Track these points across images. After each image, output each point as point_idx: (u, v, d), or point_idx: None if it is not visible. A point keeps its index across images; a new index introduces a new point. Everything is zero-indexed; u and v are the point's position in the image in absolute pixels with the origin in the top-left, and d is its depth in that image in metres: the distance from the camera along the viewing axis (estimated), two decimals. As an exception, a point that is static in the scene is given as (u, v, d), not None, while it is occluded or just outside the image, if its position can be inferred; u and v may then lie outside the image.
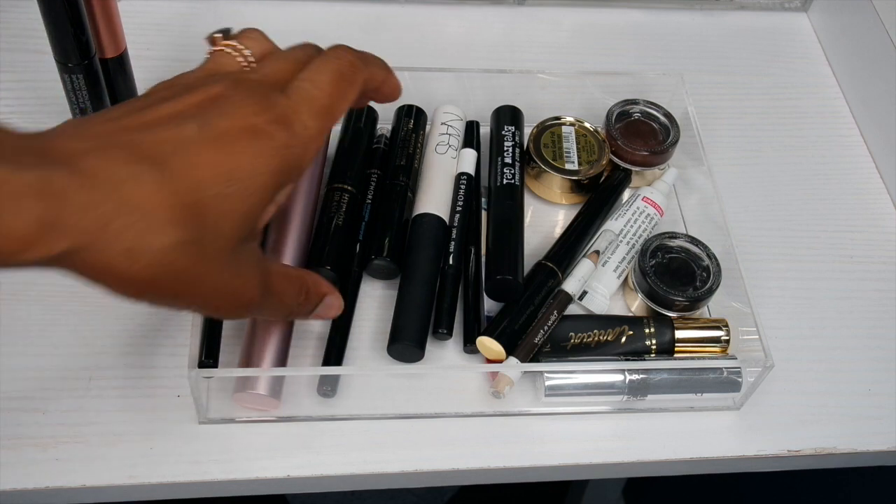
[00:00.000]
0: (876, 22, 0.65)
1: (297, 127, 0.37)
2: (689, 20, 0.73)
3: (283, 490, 0.47)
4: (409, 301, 0.49)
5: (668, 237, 0.53)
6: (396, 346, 0.48)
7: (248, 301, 0.38)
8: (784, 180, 0.63)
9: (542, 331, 0.49)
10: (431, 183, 0.54)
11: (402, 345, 0.47)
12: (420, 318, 0.48)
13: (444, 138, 0.56)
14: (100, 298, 0.49)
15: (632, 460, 0.48)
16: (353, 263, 0.51)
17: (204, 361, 0.45)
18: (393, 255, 0.51)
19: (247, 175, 0.35)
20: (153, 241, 0.33)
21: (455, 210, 0.53)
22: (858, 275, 0.58)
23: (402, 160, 0.55)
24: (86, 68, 0.50)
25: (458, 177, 0.55)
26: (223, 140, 0.35)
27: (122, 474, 0.44)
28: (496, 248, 0.51)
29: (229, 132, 0.35)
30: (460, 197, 0.54)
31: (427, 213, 0.52)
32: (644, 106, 0.59)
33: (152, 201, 0.33)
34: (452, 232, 0.52)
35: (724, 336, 0.50)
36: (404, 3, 0.69)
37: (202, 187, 0.34)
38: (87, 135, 0.33)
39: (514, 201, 0.54)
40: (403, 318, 0.48)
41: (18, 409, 0.46)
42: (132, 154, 0.33)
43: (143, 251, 0.32)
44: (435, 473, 0.47)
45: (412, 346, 0.47)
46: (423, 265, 0.50)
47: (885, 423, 0.51)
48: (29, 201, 0.30)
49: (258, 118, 0.36)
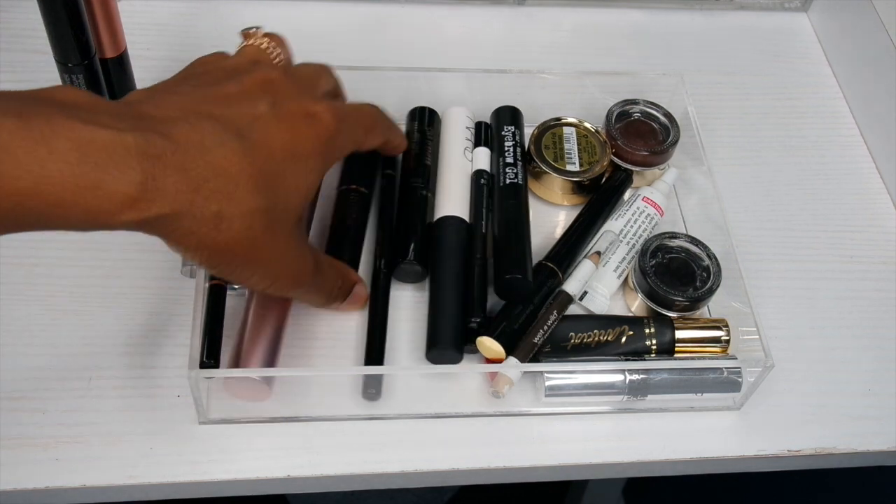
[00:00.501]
0: (876, 22, 0.65)
1: (346, 122, 0.42)
2: (689, 20, 0.73)
3: (283, 490, 0.47)
4: (442, 306, 0.49)
5: (669, 237, 0.53)
6: (435, 352, 0.48)
7: (303, 277, 0.42)
8: (784, 180, 0.63)
9: (542, 331, 0.49)
10: (450, 184, 0.54)
11: (440, 350, 0.48)
12: (454, 321, 0.49)
13: (460, 140, 0.57)
14: (100, 298, 0.50)
15: (632, 460, 0.48)
16: (380, 264, 0.51)
17: (205, 362, 0.45)
18: (418, 259, 0.51)
19: (307, 154, 0.39)
20: (239, 205, 0.35)
21: (480, 207, 0.53)
22: (858, 275, 0.58)
23: (421, 161, 0.55)
24: (86, 68, 0.50)
25: (477, 174, 0.55)
26: (290, 119, 0.39)
27: (122, 474, 0.44)
28: (505, 246, 0.51)
29: (295, 113, 0.39)
30: (481, 194, 0.54)
31: (449, 215, 0.53)
32: (644, 106, 0.59)
33: (237, 167, 0.35)
34: (480, 228, 0.52)
35: (724, 336, 0.50)
36: (404, 3, 0.69)
37: (275, 159, 0.37)
38: (172, 105, 0.36)
39: (518, 200, 0.54)
40: (440, 322, 0.49)
41: (18, 409, 0.46)
42: (217, 124, 0.36)
43: (230, 215, 0.35)
44: (435, 473, 0.47)
45: (451, 351, 0.48)
46: (452, 268, 0.50)
47: (885, 423, 0.51)
48: (133, 161, 0.32)
49: (317, 106, 0.40)
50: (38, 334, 0.48)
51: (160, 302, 0.50)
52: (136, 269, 0.51)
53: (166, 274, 0.51)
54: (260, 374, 0.45)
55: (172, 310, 0.50)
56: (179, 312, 0.50)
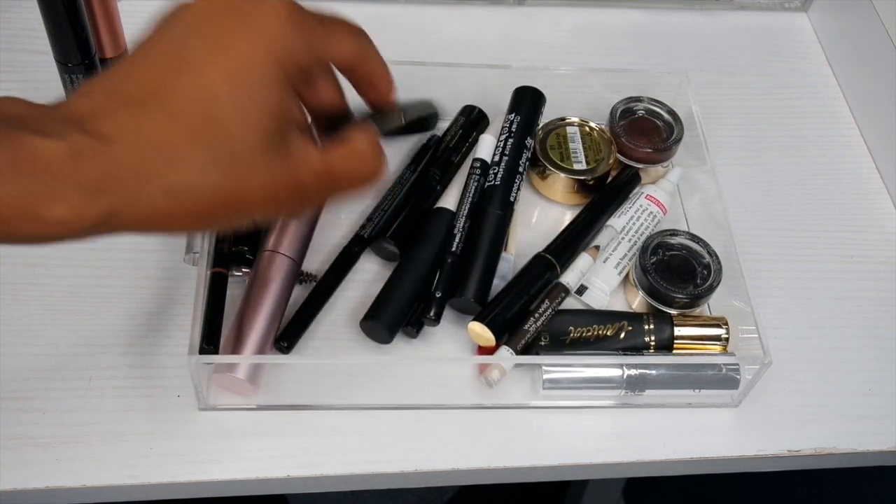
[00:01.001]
0: (876, 22, 0.65)
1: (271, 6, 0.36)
2: (689, 20, 0.73)
3: (283, 490, 0.47)
4: (396, 286, 0.50)
5: (669, 234, 0.53)
6: (369, 324, 0.49)
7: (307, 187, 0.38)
8: (784, 180, 0.63)
9: (534, 318, 0.49)
10: (458, 180, 0.55)
11: (374, 325, 0.49)
12: (399, 303, 0.49)
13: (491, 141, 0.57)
14: (100, 298, 0.50)
15: (631, 460, 0.48)
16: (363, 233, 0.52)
17: (204, 348, 0.45)
18: (396, 239, 0.52)
19: (248, 63, 0.35)
20: (185, 172, 0.34)
21: (466, 198, 0.53)
22: (858, 275, 0.58)
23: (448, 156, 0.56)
24: (86, 68, 0.50)
25: (472, 163, 0.55)
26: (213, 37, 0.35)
27: (122, 474, 0.44)
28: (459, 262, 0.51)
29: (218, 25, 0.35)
30: (471, 184, 0.54)
31: (443, 207, 0.53)
32: (648, 103, 0.59)
33: (169, 136, 0.34)
34: (458, 220, 0.52)
35: (723, 334, 0.50)
36: (404, 3, 0.69)
37: (212, 98, 0.35)
38: (100, 93, 0.34)
39: (487, 210, 0.53)
40: (386, 300, 0.49)
41: (18, 409, 0.46)
42: (132, 102, 0.34)
43: (181, 185, 0.34)
44: (435, 473, 0.47)
45: (383, 331, 0.48)
46: (418, 255, 0.51)
47: (885, 423, 0.51)
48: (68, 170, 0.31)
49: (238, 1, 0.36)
50: (38, 334, 0.48)
51: (160, 302, 0.50)
52: (136, 269, 0.51)
53: (166, 274, 0.51)
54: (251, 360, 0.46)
55: (172, 310, 0.50)
56: (179, 312, 0.50)
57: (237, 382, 0.46)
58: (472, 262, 0.50)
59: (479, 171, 0.54)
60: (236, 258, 0.50)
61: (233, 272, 0.50)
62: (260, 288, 0.48)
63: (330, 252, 0.53)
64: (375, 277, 0.52)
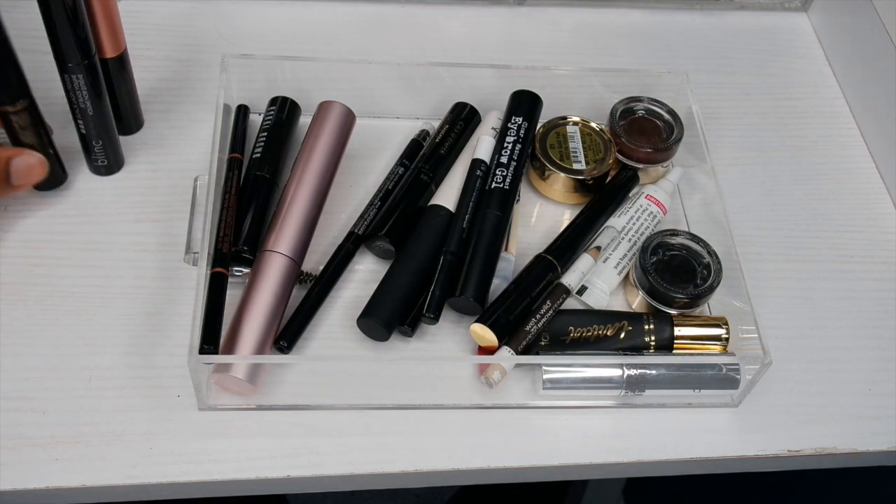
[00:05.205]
0: (876, 22, 0.65)
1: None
2: (689, 20, 0.73)
3: (283, 490, 0.47)
4: (392, 282, 0.50)
5: (669, 234, 0.53)
6: (365, 322, 0.49)
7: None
8: (784, 180, 0.63)
9: (535, 319, 0.49)
10: (454, 176, 0.55)
11: (371, 322, 0.48)
12: (396, 300, 0.49)
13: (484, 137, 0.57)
14: (100, 298, 0.50)
15: (631, 460, 0.48)
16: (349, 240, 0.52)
17: (204, 348, 0.45)
18: (391, 236, 0.52)
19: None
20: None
21: (467, 199, 0.53)
22: (858, 275, 0.58)
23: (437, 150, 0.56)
24: (86, 68, 0.50)
25: (475, 163, 0.55)
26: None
27: (122, 474, 0.44)
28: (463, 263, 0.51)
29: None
30: (473, 185, 0.54)
31: (438, 204, 0.53)
32: (648, 103, 0.59)
33: None
34: (458, 220, 0.52)
35: (723, 334, 0.50)
36: (404, 3, 0.69)
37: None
38: None
39: (497, 211, 0.53)
40: (382, 297, 0.49)
41: (18, 409, 0.46)
42: None
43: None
44: (435, 473, 0.47)
45: (381, 328, 0.48)
46: (419, 253, 0.51)
47: (885, 423, 0.51)
48: None
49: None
50: (38, 334, 0.48)
51: (160, 302, 0.50)
52: (136, 269, 0.51)
53: (166, 274, 0.51)
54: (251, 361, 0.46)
55: (172, 310, 0.50)
56: (179, 313, 0.50)
57: (237, 382, 0.46)
58: (471, 262, 0.50)
59: (479, 171, 0.54)
60: (236, 258, 0.50)
61: (233, 272, 0.50)
62: (259, 288, 0.48)
63: (329, 252, 0.53)
64: (375, 277, 0.52)
